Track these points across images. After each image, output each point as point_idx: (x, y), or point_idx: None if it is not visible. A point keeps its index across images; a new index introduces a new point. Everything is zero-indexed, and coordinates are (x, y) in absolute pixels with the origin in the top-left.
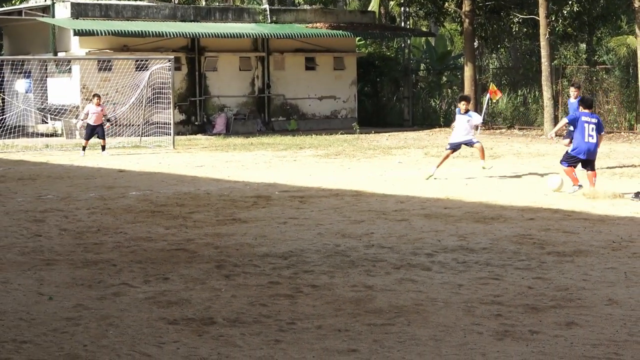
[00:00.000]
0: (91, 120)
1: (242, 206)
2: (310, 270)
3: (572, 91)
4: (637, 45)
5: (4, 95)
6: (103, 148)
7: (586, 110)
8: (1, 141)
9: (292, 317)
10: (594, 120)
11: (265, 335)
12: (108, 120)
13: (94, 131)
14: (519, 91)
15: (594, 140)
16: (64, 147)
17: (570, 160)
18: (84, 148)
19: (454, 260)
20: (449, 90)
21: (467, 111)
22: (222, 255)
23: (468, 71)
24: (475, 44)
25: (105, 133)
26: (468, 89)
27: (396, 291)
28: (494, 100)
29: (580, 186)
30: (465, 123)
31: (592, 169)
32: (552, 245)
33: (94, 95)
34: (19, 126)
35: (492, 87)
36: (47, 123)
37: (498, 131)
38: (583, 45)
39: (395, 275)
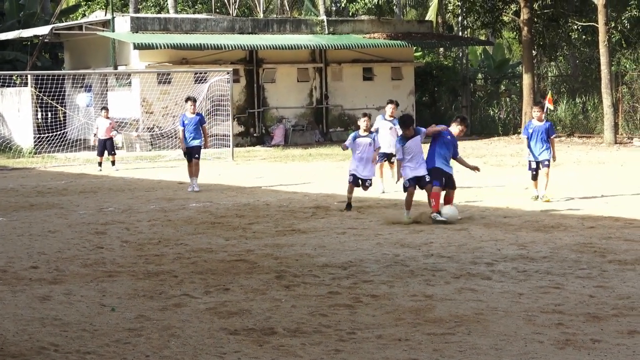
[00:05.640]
0: (100, 134)
1: (301, 217)
2: (370, 280)
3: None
4: None
5: (65, 109)
6: (113, 163)
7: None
8: (63, 154)
9: (352, 327)
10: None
11: (326, 345)
12: (117, 132)
13: (105, 145)
14: (578, 99)
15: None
16: (124, 160)
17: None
18: (99, 164)
19: (514, 269)
20: (507, 99)
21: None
22: (282, 266)
23: (526, 79)
24: (533, 52)
25: (115, 147)
26: (527, 97)
27: (456, 300)
28: (551, 109)
29: None
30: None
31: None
32: (613, 253)
33: (102, 109)
34: (80, 139)
35: (550, 95)
36: None
37: (557, 139)
38: None
39: (455, 284)
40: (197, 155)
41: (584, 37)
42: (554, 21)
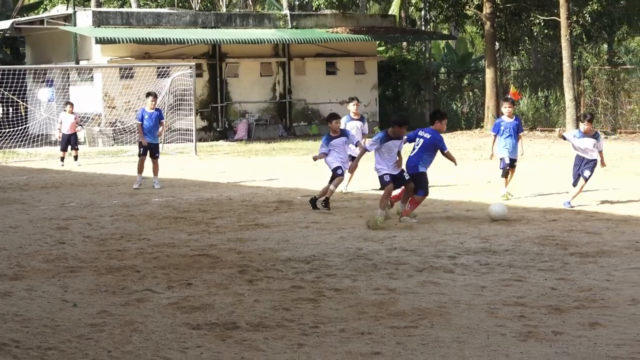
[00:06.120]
0: (65, 129)
1: (265, 211)
2: (333, 274)
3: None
4: None
5: (26, 104)
6: (75, 158)
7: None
8: (25, 150)
9: (315, 321)
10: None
11: (289, 339)
12: (82, 127)
13: (69, 140)
14: (540, 93)
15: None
16: (86, 155)
17: None
18: (62, 159)
19: (476, 262)
20: (470, 93)
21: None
22: (245, 260)
23: (489, 74)
24: (496, 46)
25: (78, 142)
26: (489, 91)
27: (419, 294)
28: (520, 98)
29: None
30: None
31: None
32: (575, 246)
33: (66, 103)
34: (42, 135)
35: (513, 89)
36: None
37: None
38: (604, 46)
39: (417, 277)
40: (157, 154)
41: (546, 31)
42: (516, 15)
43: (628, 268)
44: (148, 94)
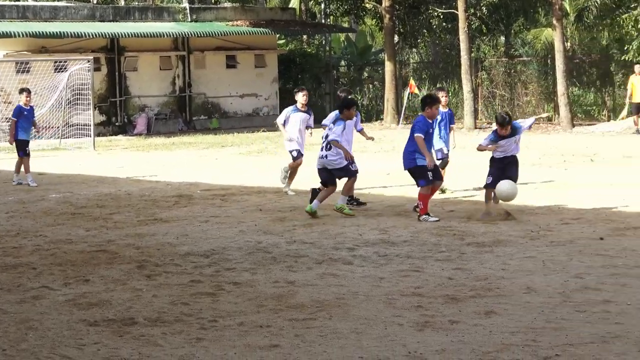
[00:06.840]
0: None
1: (164, 206)
2: (232, 267)
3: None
4: (553, 37)
5: None
6: None
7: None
8: None
9: (213, 315)
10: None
11: (187, 333)
12: None
13: None
14: (439, 85)
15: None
16: None
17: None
18: None
19: (375, 253)
20: (370, 86)
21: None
22: (144, 256)
23: (389, 66)
24: (395, 38)
25: None
26: (389, 84)
27: (318, 286)
28: (414, 95)
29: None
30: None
31: None
32: (471, 236)
33: None
34: None
35: (412, 82)
36: None
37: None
38: (501, 39)
39: (317, 270)
40: (29, 151)
41: (444, 24)
42: (415, 8)
43: (523, 257)
44: (22, 90)
